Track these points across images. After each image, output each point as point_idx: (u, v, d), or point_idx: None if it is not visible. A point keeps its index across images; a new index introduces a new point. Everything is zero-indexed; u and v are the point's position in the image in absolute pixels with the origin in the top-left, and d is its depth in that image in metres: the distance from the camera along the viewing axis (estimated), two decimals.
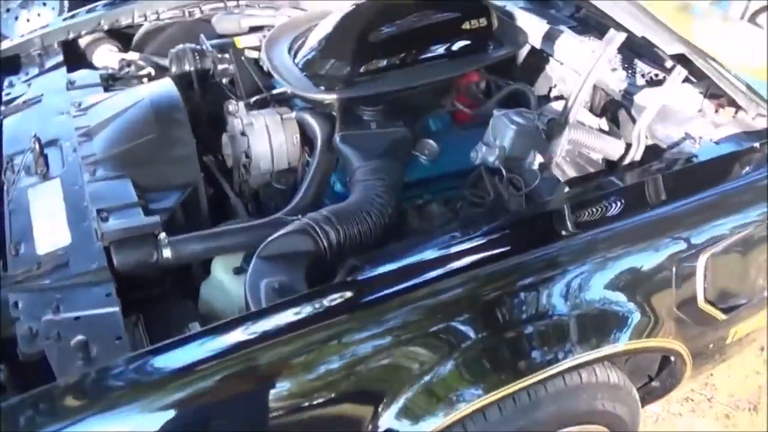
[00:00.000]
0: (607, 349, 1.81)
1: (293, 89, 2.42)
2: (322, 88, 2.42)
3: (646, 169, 2.18)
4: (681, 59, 2.27)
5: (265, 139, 2.36)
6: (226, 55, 2.82)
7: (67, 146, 2.29)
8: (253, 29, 3.10)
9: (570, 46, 2.60)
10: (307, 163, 2.41)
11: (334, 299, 1.64)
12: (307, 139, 2.45)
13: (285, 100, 2.64)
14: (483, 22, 2.58)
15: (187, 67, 2.82)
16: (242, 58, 2.80)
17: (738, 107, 2.35)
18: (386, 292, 1.65)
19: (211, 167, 2.49)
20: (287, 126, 2.40)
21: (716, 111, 2.38)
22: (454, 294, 1.67)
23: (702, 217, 1.95)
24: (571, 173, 2.28)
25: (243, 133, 2.37)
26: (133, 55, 3.10)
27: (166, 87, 2.47)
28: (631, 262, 1.83)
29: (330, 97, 2.40)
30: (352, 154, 2.26)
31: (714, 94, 2.35)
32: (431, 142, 2.45)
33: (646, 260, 1.85)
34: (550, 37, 2.66)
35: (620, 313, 1.82)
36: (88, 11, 3.20)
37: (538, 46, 2.67)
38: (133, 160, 2.19)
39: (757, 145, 2.16)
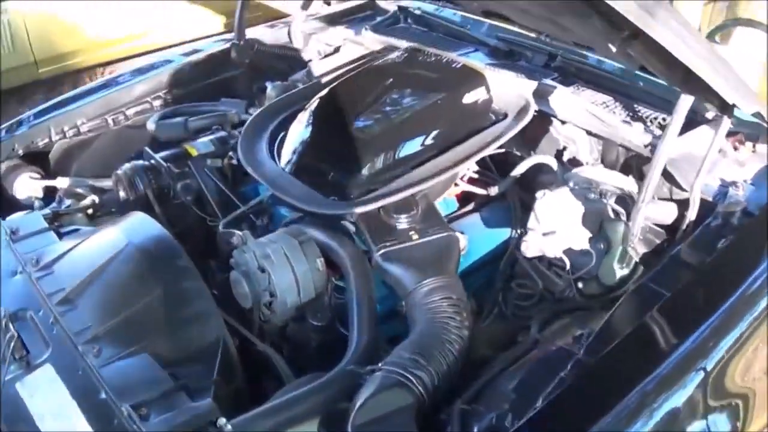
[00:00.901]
0: None
1: (304, 206, 2.14)
2: (335, 199, 2.15)
3: (713, 231, 2.04)
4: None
5: (289, 270, 2.04)
6: (186, 169, 2.51)
7: (40, 318, 1.86)
8: (199, 131, 2.78)
9: (569, 102, 2.41)
10: (335, 287, 2.11)
11: None
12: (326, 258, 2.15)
13: (261, 212, 2.39)
14: (482, 92, 2.36)
15: (141, 189, 2.48)
16: (204, 169, 2.50)
17: (755, 140, 2.26)
18: None
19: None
20: (308, 250, 2.09)
21: (735, 149, 2.27)
22: None
23: None
24: (642, 250, 2.09)
25: (262, 269, 2.05)
26: (62, 182, 2.70)
27: (147, 226, 2.15)
28: None
29: (357, 211, 2.11)
30: (401, 273, 2.00)
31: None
32: (457, 232, 2.23)
33: None
34: (542, 95, 2.45)
35: None
36: None
37: (535, 106, 2.46)
38: (142, 328, 1.84)
39: None
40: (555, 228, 2.09)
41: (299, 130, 2.34)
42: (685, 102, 1.93)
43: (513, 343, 1.95)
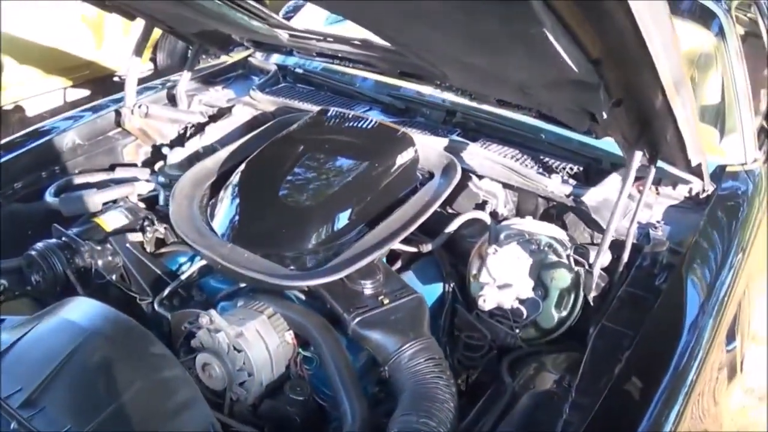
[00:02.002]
0: None
1: (270, 279, 2.08)
2: (293, 269, 2.14)
3: (647, 270, 2.22)
4: None
5: (263, 347, 2.01)
6: (107, 246, 2.41)
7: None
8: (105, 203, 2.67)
9: (484, 158, 2.54)
10: (304, 358, 2.11)
11: None
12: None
13: (188, 285, 2.34)
14: (412, 152, 2.43)
15: (60, 269, 2.36)
16: (127, 245, 2.42)
17: (658, 183, 2.48)
18: None
19: None
20: (276, 324, 2.07)
21: (639, 191, 2.48)
22: None
23: None
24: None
25: (237, 348, 2.02)
26: None
27: (101, 311, 1.98)
28: None
29: (326, 281, 2.09)
30: (381, 338, 2.03)
31: None
32: None
33: None
34: (455, 151, 2.57)
35: None
36: None
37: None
38: (129, 426, 1.70)
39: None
40: (508, 281, 2.21)
41: (236, 201, 2.30)
42: (637, 157, 2.09)
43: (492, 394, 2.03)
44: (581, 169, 2.53)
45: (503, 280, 2.22)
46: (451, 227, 2.47)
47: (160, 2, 2.11)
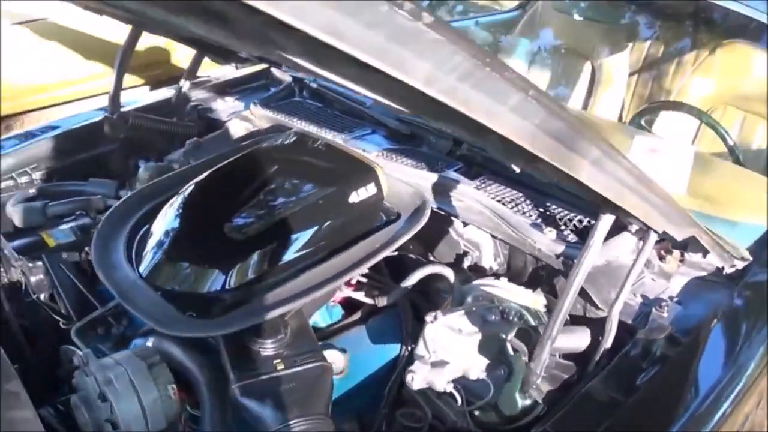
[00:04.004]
0: None
1: (159, 326, 1.78)
2: (192, 315, 1.82)
3: (631, 362, 1.79)
4: None
5: (134, 399, 1.72)
6: (39, 263, 2.19)
7: None
8: (60, 217, 2.46)
9: (471, 200, 2.14)
10: (189, 416, 1.81)
11: None
12: (179, 379, 1.83)
13: (120, 315, 2.09)
14: (372, 188, 2.08)
15: None
16: (60, 265, 2.19)
17: (684, 248, 2.01)
18: None
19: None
20: (157, 375, 1.77)
21: (661, 258, 2.04)
22: None
23: None
24: (547, 388, 1.82)
25: (103, 397, 1.73)
26: None
27: None
28: None
29: (212, 334, 1.82)
30: (261, 411, 1.69)
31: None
32: (335, 352, 1.97)
33: None
34: (442, 190, 2.19)
35: None
36: None
37: (433, 204, 2.18)
38: None
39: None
40: (446, 357, 1.82)
41: (162, 226, 2.01)
42: (606, 221, 1.68)
43: None
44: (591, 222, 2.09)
45: (439, 355, 1.82)
46: (409, 281, 2.12)
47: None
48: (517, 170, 1.71)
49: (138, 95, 3.08)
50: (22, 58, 5.08)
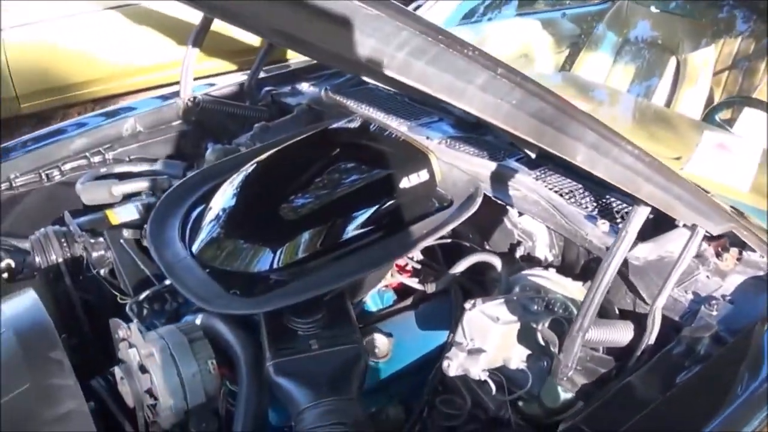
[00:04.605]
0: None
1: (199, 302, 1.85)
2: (236, 293, 1.87)
3: (673, 360, 1.72)
4: None
5: (174, 372, 1.77)
6: (101, 239, 2.26)
7: None
8: (127, 196, 2.54)
9: (528, 190, 2.09)
10: (228, 392, 1.84)
11: None
12: (224, 356, 1.87)
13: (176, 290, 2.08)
14: (425, 175, 2.08)
15: (53, 257, 2.24)
16: (121, 241, 2.25)
17: (743, 245, 1.94)
18: None
19: (106, 401, 1.90)
20: (198, 350, 1.81)
21: (717, 255, 1.96)
22: None
23: None
24: (582, 381, 1.77)
25: (143, 368, 1.78)
26: None
27: (31, 309, 1.86)
28: None
29: (251, 312, 1.86)
30: (293, 389, 1.71)
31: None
32: (381, 336, 1.96)
33: None
34: (500, 179, 2.15)
35: None
36: None
37: (489, 192, 2.16)
38: (5, 426, 1.56)
39: None
40: (483, 345, 1.79)
41: (217, 206, 2.07)
42: (641, 214, 1.63)
43: None
44: (651, 216, 2.03)
45: (476, 343, 1.80)
46: (458, 267, 2.10)
47: None
48: (533, 156, 1.68)
49: (213, 80, 3.12)
50: (116, 41, 5.22)
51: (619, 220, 2.00)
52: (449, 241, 2.21)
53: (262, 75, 3.13)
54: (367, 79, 2.89)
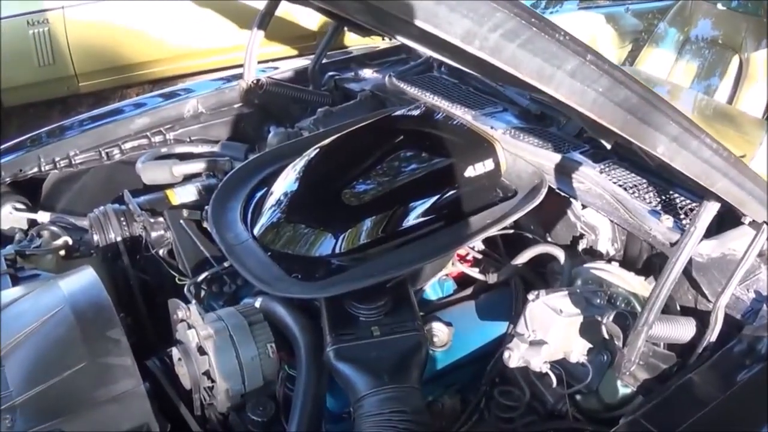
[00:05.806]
0: None
1: (261, 285, 1.84)
2: (298, 277, 1.86)
3: (735, 359, 1.70)
4: None
5: (232, 355, 1.77)
6: (160, 219, 2.26)
7: None
8: (187, 176, 2.54)
9: (592, 184, 2.06)
10: (287, 376, 1.84)
11: None
12: (282, 340, 1.86)
13: (236, 274, 2.12)
14: (490, 164, 2.06)
15: (111, 236, 2.25)
16: (180, 221, 2.25)
17: None
18: None
19: (161, 382, 1.90)
20: (258, 333, 1.82)
21: None
22: None
23: None
24: (643, 376, 1.74)
25: (201, 350, 1.78)
26: (43, 216, 2.48)
27: (90, 287, 1.89)
28: None
29: (313, 296, 1.86)
30: (353, 375, 1.70)
31: None
32: (440, 325, 1.94)
33: None
34: (564, 171, 2.12)
35: None
36: None
37: (553, 184, 2.13)
38: (61, 402, 1.59)
39: None
40: (545, 337, 1.77)
41: (280, 190, 2.07)
42: (710, 210, 1.60)
43: None
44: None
45: (538, 335, 1.77)
46: (520, 258, 2.09)
47: None
48: (608, 146, 1.65)
49: (277, 64, 3.14)
50: (176, 23, 5.23)
51: (682, 216, 1.96)
52: (511, 231, 2.18)
53: (324, 60, 3.12)
54: (436, 66, 2.88)
